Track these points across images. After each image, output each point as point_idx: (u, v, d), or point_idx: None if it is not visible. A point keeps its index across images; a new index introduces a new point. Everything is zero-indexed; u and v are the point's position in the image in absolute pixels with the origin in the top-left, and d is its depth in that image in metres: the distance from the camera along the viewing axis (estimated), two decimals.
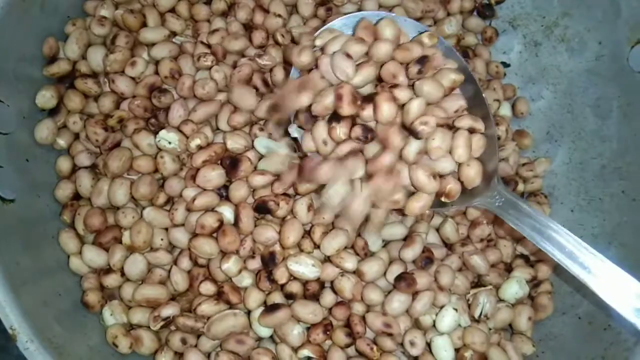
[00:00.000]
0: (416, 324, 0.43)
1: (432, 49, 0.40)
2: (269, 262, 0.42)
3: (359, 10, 0.49)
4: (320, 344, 0.42)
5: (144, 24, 0.47)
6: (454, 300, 0.43)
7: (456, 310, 0.42)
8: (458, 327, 0.43)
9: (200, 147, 0.43)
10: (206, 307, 0.41)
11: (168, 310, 0.41)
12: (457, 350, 0.43)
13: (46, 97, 0.44)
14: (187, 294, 0.43)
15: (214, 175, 0.43)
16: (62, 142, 0.45)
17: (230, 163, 0.43)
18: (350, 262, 0.42)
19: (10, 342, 0.53)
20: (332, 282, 0.42)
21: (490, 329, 0.44)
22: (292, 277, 0.42)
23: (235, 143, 0.44)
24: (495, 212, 0.39)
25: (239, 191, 0.43)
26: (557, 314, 0.47)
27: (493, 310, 0.44)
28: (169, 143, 0.43)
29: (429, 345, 0.43)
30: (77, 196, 0.45)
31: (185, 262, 0.43)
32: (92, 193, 0.44)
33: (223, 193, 0.44)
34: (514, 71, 0.56)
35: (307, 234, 0.43)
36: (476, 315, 0.44)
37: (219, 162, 0.44)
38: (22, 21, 0.42)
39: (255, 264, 0.42)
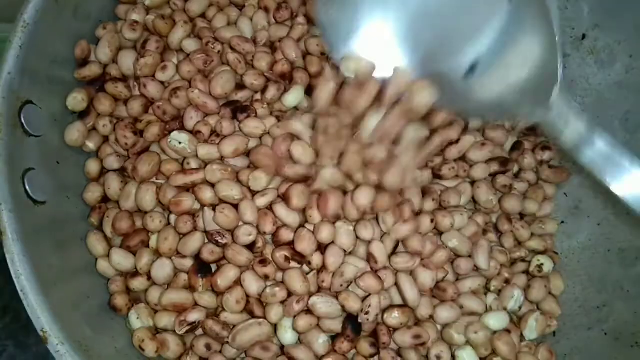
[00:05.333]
0: (442, 338, 0.43)
1: None
2: None
3: None
4: (345, 353, 0.42)
5: None
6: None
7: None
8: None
9: None
10: (229, 315, 0.42)
11: (194, 315, 0.41)
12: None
13: (77, 100, 0.44)
14: None
15: None
16: (91, 145, 0.45)
17: None
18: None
19: (29, 339, 0.54)
20: None
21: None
22: None
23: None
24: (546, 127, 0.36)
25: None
26: (583, 329, 0.46)
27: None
28: (179, 143, 0.43)
29: (453, 358, 0.42)
30: (105, 199, 0.45)
31: None
32: (120, 196, 0.44)
33: None
34: None
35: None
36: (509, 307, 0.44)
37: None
38: (55, 24, 0.42)
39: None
